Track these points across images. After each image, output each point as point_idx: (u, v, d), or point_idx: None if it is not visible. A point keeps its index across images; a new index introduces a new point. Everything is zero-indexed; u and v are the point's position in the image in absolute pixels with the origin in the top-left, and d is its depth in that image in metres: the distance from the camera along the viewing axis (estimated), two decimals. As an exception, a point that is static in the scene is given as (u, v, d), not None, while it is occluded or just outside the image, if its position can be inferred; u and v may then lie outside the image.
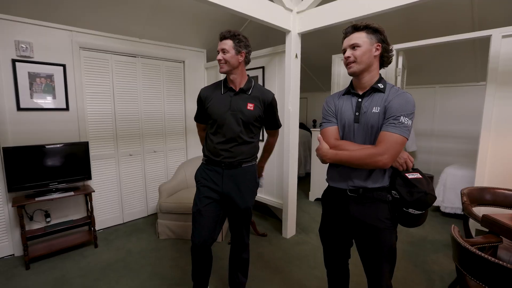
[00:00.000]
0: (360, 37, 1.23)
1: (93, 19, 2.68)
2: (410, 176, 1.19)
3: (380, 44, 1.24)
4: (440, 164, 4.05)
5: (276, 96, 2.91)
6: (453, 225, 1.45)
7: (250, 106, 1.59)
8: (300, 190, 4.25)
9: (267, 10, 2.29)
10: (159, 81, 3.35)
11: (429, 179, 1.23)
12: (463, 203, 1.93)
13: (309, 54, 4.27)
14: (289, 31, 2.53)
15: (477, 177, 2.39)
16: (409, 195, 1.17)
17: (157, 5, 2.77)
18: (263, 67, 2.97)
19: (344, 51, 1.29)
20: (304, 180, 4.70)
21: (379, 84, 1.25)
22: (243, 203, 1.64)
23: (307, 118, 6.19)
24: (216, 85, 1.67)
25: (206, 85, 3.88)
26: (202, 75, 3.83)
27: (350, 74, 1.28)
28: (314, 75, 5.24)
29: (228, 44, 1.54)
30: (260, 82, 3.03)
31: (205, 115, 1.65)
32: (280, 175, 2.89)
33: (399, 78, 2.83)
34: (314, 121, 5.88)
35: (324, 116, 1.41)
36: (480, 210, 2.23)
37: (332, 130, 1.34)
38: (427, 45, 2.61)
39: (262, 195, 3.20)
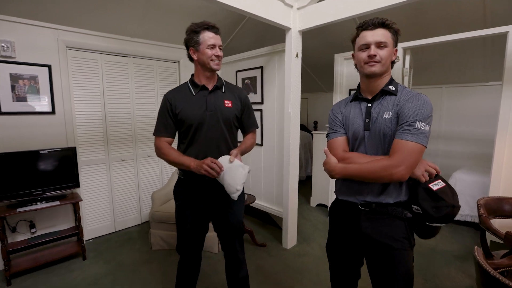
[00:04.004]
0: (387, 36, 1.08)
1: (81, 17, 2.51)
2: (434, 187, 1.03)
3: (396, 49, 1.12)
4: (447, 167, 3.87)
5: (276, 98, 2.81)
6: (476, 248, 1.29)
7: (227, 103, 1.45)
8: (301, 194, 4.09)
9: (265, 6, 2.13)
10: (152, 82, 3.18)
11: (452, 187, 1.08)
12: (480, 216, 1.76)
13: (310, 53, 4.10)
14: (289, 29, 2.36)
15: (492, 185, 2.22)
16: (436, 210, 1.01)
17: (150, 2, 2.61)
18: (261, 67, 2.81)
19: (364, 47, 1.10)
20: (305, 184, 4.54)
21: (390, 86, 1.11)
22: (234, 217, 1.48)
23: (308, 120, 6.02)
24: (182, 88, 1.49)
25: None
26: (198, 75, 3.66)
27: (370, 74, 1.11)
28: (315, 75, 5.07)
29: (220, 39, 1.43)
30: (258, 83, 2.87)
31: (176, 124, 1.45)
32: (280, 181, 2.73)
33: (406, 79, 2.66)
34: (315, 123, 5.71)
35: (330, 126, 1.26)
36: (496, 222, 2.07)
37: (340, 141, 1.20)
38: (436, 43, 2.45)
39: (261, 203, 3.03)
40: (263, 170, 2.99)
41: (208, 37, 1.37)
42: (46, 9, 2.31)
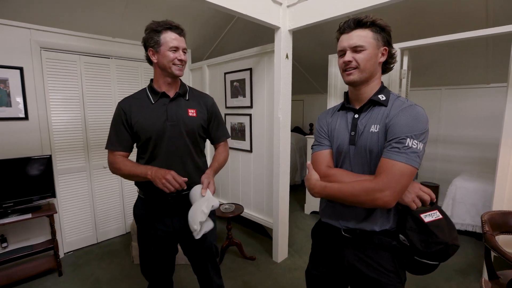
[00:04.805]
0: (365, 37, 0.92)
1: (56, 16, 2.35)
2: (426, 218, 0.87)
3: (387, 48, 0.96)
4: (446, 172, 3.74)
5: (265, 102, 2.64)
6: (483, 280, 1.14)
7: (191, 112, 1.30)
8: (295, 201, 3.94)
9: (251, 3, 1.97)
10: (137, 84, 3.01)
11: (451, 222, 0.91)
12: (484, 233, 1.61)
13: (304, 53, 3.96)
14: (278, 28, 2.20)
15: (496, 196, 2.06)
16: (424, 245, 0.86)
17: (134, 0, 2.45)
18: (250, 69, 2.65)
19: (342, 53, 0.97)
20: (299, 189, 4.38)
21: (379, 96, 0.96)
22: (204, 241, 1.32)
23: (303, 122, 5.86)
24: (139, 95, 1.32)
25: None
26: (186, 77, 3.50)
27: (348, 83, 0.98)
28: (310, 76, 4.91)
29: (185, 42, 1.28)
30: (247, 85, 2.70)
31: (132, 136, 1.28)
32: (270, 190, 2.57)
33: (403, 81, 2.51)
34: (311, 125, 5.55)
35: (315, 137, 1.12)
36: (499, 239, 1.92)
37: (325, 155, 1.05)
38: (435, 44, 2.29)
39: (250, 212, 2.87)
40: (253, 178, 2.83)
41: (170, 38, 1.21)
42: (16, 7, 2.15)
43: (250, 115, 2.72)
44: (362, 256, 0.98)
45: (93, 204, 2.81)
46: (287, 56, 2.26)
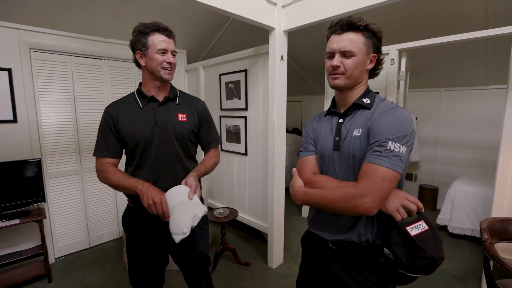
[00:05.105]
0: (357, 42, 0.89)
1: (47, 16, 2.29)
2: (413, 231, 0.82)
3: (376, 56, 0.92)
4: (445, 175, 3.69)
5: (260, 104, 2.58)
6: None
7: (182, 117, 1.25)
8: (292, 203, 3.88)
9: (244, 3, 1.91)
10: (131, 86, 2.96)
11: (437, 232, 0.86)
12: (483, 242, 1.56)
13: (302, 53, 3.91)
14: (273, 29, 2.15)
15: (495, 200, 2.01)
16: (410, 260, 0.81)
17: (127, 0, 2.40)
18: (245, 70, 2.59)
19: (330, 55, 0.94)
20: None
21: (364, 99, 0.93)
22: (195, 251, 1.28)
23: (302, 123, 5.81)
24: (127, 99, 1.28)
25: (187, 90, 3.57)
26: (182, 78, 3.45)
27: (333, 87, 0.95)
28: (308, 77, 4.86)
29: (174, 44, 1.23)
30: (242, 87, 2.65)
31: (119, 142, 1.23)
32: (265, 194, 2.52)
33: (401, 83, 2.46)
34: (309, 126, 5.49)
35: (302, 143, 1.09)
36: (499, 246, 1.87)
37: (310, 161, 1.02)
38: (434, 45, 2.24)
39: (246, 216, 2.82)
40: (248, 182, 2.78)
41: (158, 40, 1.16)
42: (4, 7, 2.09)
43: (245, 117, 2.67)
44: (350, 270, 0.95)
45: (85, 208, 2.75)
46: (282, 58, 2.21)
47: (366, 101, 0.92)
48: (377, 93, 2.31)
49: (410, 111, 3.81)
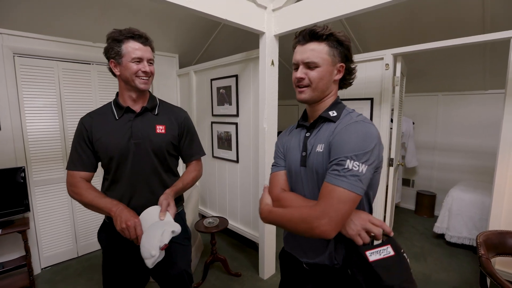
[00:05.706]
0: (320, 52, 0.83)
1: (31, 20, 2.23)
2: (372, 256, 0.75)
3: (343, 65, 0.86)
4: (443, 181, 3.62)
5: (252, 110, 2.52)
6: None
7: (160, 129, 1.19)
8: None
9: (232, 7, 1.85)
10: (120, 91, 2.89)
11: (405, 259, 0.78)
12: (480, 257, 1.49)
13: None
14: (263, 33, 2.09)
15: (492, 213, 1.94)
16: (368, 287, 0.75)
17: (114, 3, 2.33)
18: (236, 76, 2.53)
19: (295, 66, 0.89)
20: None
21: (330, 112, 0.87)
22: (173, 268, 1.21)
23: (298, 126, 5.75)
24: (103, 110, 1.22)
25: (179, 95, 3.49)
26: (174, 83, 3.39)
27: (300, 101, 0.90)
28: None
29: (151, 52, 1.16)
30: (233, 93, 2.58)
31: (94, 155, 1.17)
32: (257, 202, 2.44)
33: (397, 88, 2.39)
34: (306, 129, 5.44)
35: (274, 157, 1.04)
36: (496, 260, 1.79)
37: (280, 176, 0.97)
38: (431, 49, 2.17)
39: (237, 225, 2.75)
40: (240, 189, 2.71)
41: (132, 48, 1.09)
42: (-14, 11, 2.03)
43: (236, 123, 2.60)
44: None
45: (73, 216, 2.68)
46: (272, 63, 2.15)
47: (333, 113, 0.87)
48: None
49: (407, 115, 3.76)
